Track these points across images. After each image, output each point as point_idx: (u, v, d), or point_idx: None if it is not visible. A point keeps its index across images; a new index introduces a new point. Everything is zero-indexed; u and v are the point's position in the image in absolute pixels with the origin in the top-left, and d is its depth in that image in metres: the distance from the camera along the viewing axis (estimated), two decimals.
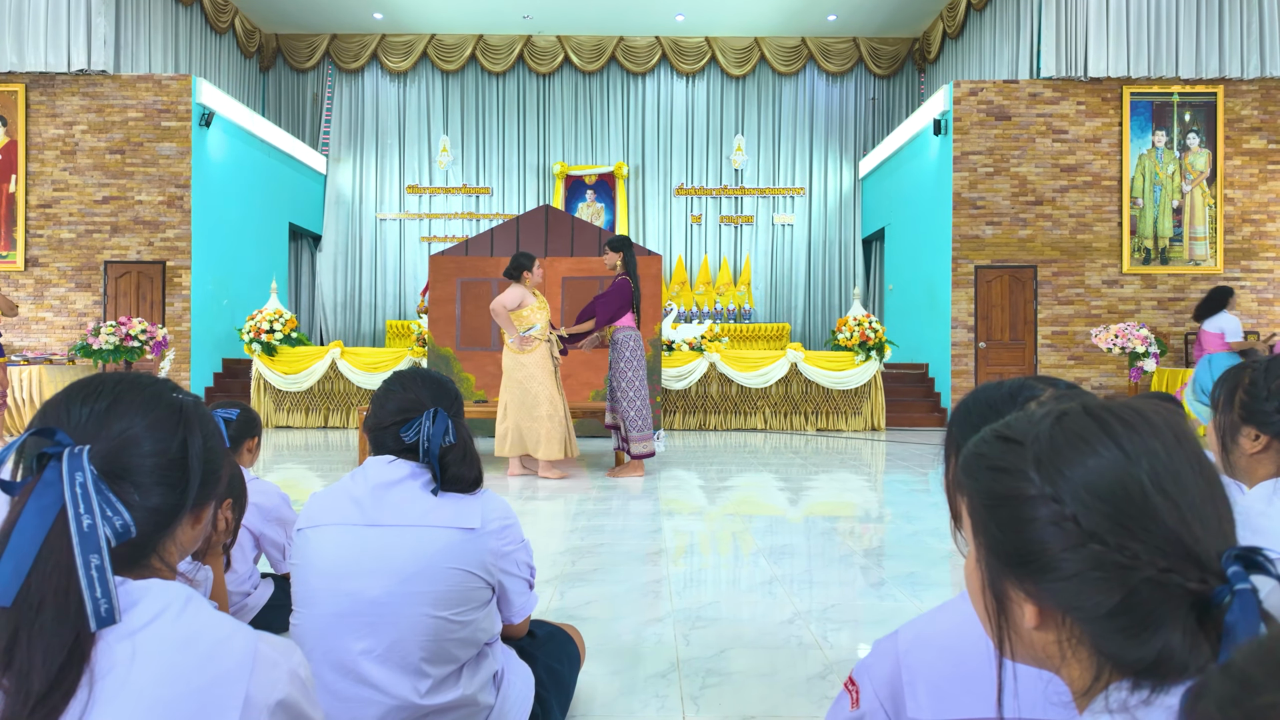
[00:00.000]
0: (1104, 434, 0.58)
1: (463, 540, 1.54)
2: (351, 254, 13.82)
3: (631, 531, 4.00)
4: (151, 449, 0.80)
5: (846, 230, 13.86)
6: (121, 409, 0.80)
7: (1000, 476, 0.60)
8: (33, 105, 10.04)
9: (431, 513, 1.54)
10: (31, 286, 9.99)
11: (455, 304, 8.67)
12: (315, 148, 13.61)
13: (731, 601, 2.81)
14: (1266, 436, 1.32)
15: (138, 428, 0.80)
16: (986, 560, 0.62)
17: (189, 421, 0.84)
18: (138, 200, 10.02)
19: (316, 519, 1.55)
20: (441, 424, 1.58)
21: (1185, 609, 0.54)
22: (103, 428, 0.79)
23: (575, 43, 13.66)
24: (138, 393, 0.82)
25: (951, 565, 3.36)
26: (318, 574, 1.50)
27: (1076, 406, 0.61)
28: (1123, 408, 0.60)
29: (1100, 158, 9.99)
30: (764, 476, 5.96)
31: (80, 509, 0.71)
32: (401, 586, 1.48)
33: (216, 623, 0.77)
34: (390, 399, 1.62)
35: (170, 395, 0.85)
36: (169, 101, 10.04)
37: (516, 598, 1.68)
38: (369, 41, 13.63)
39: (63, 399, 0.81)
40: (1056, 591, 0.57)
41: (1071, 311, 9.92)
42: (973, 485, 0.63)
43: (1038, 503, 0.58)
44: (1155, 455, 0.57)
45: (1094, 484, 0.56)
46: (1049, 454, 0.58)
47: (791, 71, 13.76)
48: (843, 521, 4.35)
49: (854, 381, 9.28)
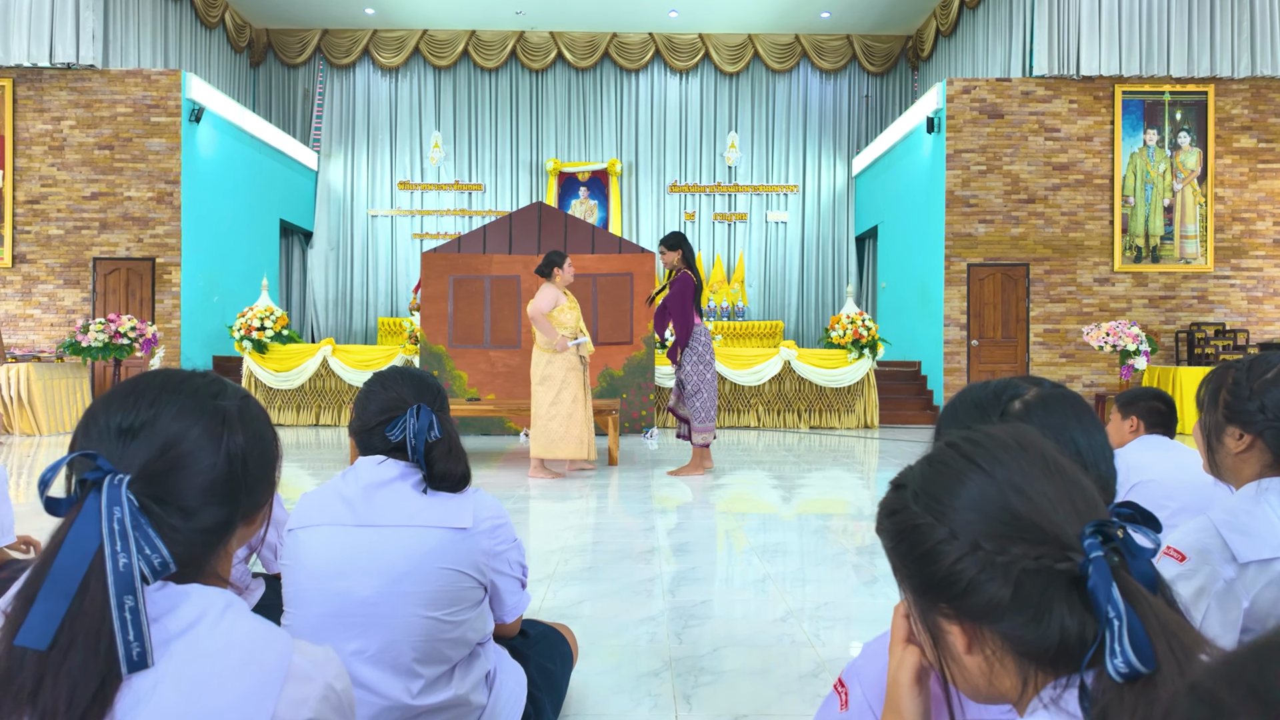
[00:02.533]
0: (963, 459, 0.68)
1: (454, 540, 1.53)
2: (343, 250, 13.76)
3: (624, 530, 4.00)
4: (197, 467, 0.76)
5: (840, 228, 13.87)
6: (163, 423, 0.77)
7: (896, 517, 0.70)
8: (20, 100, 9.94)
9: (422, 512, 1.53)
10: (19, 283, 9.90)
11: (448, 301, 8.64)
12: (306, 143, 13.54)
13: (724, 600, 2.81)
14: (1250, 436, 1.33)
15: (182, 444, 0.76)
16: (913, 599, 0.70)
17: (234, 428, 0.80)
18: (127, 196, 9.94)
19: (307, 519, 1.54)
20: (425, 419, 1.57)
21: (1066, 588, 0.61)
22: (144, 446, 0.75)
23: (568, 39, 13.62)
24: (181, 402, 0.79)
25: None
26: (309, 574, 1.49)
27: (942, 444, 0.71)
28: (977, 434, 0.70)
29: (1092, 156, 10.03)
30: (757, 474, 5.96)
31: (117, 546, 0.69)
32: (393, 587, 1.47)
33: (252, 632, 0.74)
34: (372, 399, 1.61)
35: (215, 401, 0.81)
36: (158, 97, 9.97)
37: (509, 597, 1.67)
38: (360, 37, 13.56)
39: (103, 410, 0.78)
40: (967, 606, 0.64)
41: (1063, 309, 9.96)
42: (882, 535, 0.72)
43: (926, 530, 0.66)
44: (1006, 465, 0.66)
45: (965, 503, 0.65)
46: (925, 488, 0.68)
47: (785, 69, 13.76)
48: (835, 519, 4.36)
49: (847, 379, 9.29)
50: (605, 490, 5.18)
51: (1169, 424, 2.61)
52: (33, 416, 8.27)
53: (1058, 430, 0.93)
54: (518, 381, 8.55)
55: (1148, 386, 2.79)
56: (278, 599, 2.43)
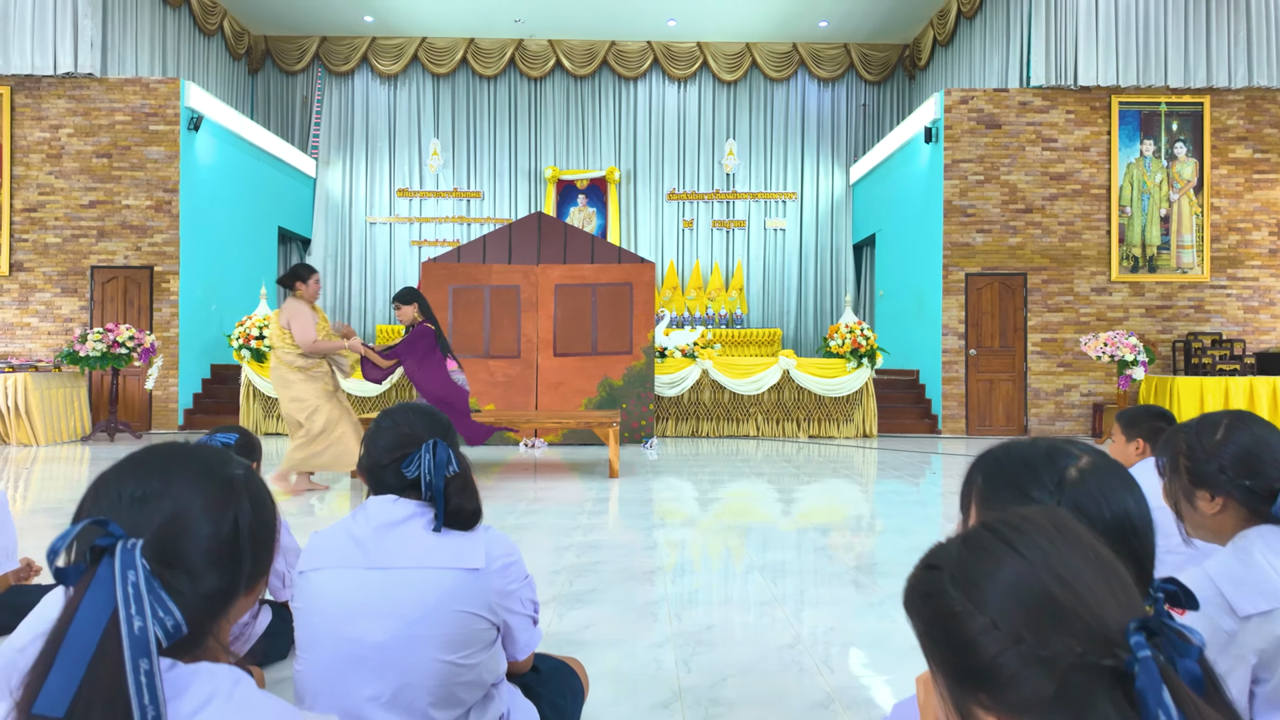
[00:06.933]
0: (1002, 544, 0.66)
1: (467, 581, 1.52)
2: (341, 257, 13.74)
3: (627, 547, 3.99)
4: (205, 532, 0.79)
5: (838, 235, 13.91)
6: (174, 490, 0.79)
7: (931, 601, 0.68)
8: (18, 108, 9.92)
9: (434, 553, 1.53)
10: (16, 291, 9.87)
11: (447, 311, 8.64)
12: (305, 151, 13.53)
13: (730, 624, 2.81)
14: (1221, 497, 1.35)
15: (191, 511, 0.79)
16: (946, 685, 0.67)
17: (241, 497, 0.83)
18: (125, 204, 9.92)
19: (318, 561, 1.53)
20: (444, 454, 1.56)
21: (1110, 685, 0.59)
22: (156, 513, 0.77)
23: (566, 47, 13.64)
24: (191, 471, 0.81)
25: None
26: (321, 618, 1.48)
27: (978, 526, 0.70)
28: (1013, 517, 0.69)
29: (1089, 166, 10.07)
30: (757, 485, 5.97)
31: (132, 610, 0.70)
32: (407, 630, 1.47)
33: (262, 710, 0.76)
34: (382, 435, 1.60)
35: (222, 470, 0.84)
36: (157, 105, 9.95)
37: (521, 634, 1.66)
38: (359, 44, 13.56)
39: (114, 479, 0.80)
40: (1007, 699, 0.62)
41: (1060, 319, 10.00)
42: (912, 615, 0.70)
43: (965, 617, 0.64)
44: (1047, 553, 0.64)
45: (1004, 590, 0.64)
46: (962, 572, 0.66)
47: (783, 77, 13.80)
48: (837, 535, 4.36)
49: (846, 389, 9.31)
50: (606, 504, 5.18)
51: None
52: (30, 427, 8.23)
53: (1112, 497, 0.94)
54: (517, 391, 8.55)
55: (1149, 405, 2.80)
56: (284, 626, 2.42)
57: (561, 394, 8.53)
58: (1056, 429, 9.88)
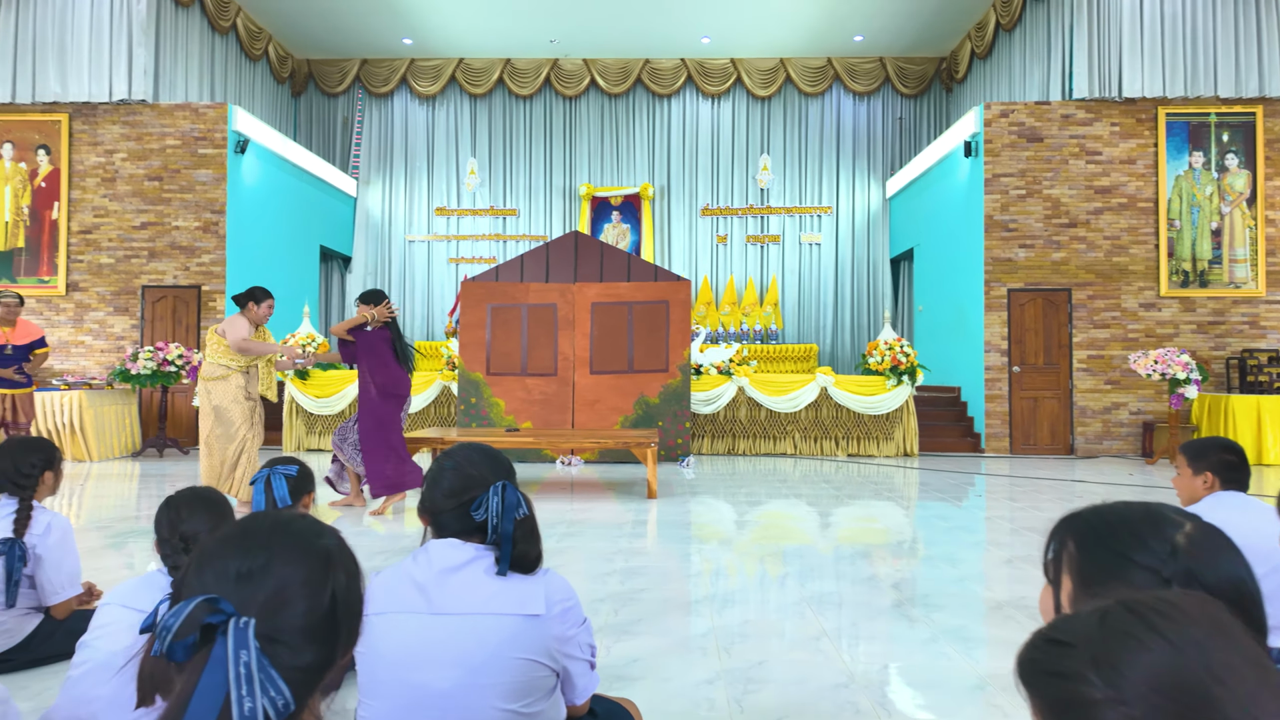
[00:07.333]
0: (1149, 629, 0.61)
1: (528, 628, 1.51)
2: (381, 275, 13.97)
3: (670, 574, 3.96)
4: (305, 608, 0.79)
5: (875, 250, 13.76)
6: (276, 566, 0.80)
7: (1062, 682, 0.62)
8: (75, 134, 10.28)
9: (495, 599, 1.52)
10: (72, 310, 10.20)
11: (485, 329, 8.72)
12: (345, 171, 13.81)
13: (780, 660, 2.76)
14: None
15: (293, 586, 0.79)
16: None
17: (337, 570, 0.83)
18: (174, 226, 10.21)
19: (381, 606, 1.53)
20: (513, 498, 1.56)
21: None
22: (260, 589, 0.78)
23: (601, 66, 13.76)
24: (290, 546, 0.82)
25: (1002, 619, 3.28)
26: (385, 665, 1.49)
27: (1115, 604, 0.65)
28: (1157, 600, 0.64)
29: (1135, 179, 9.84)
30: (797, 507, 5.89)
31: (243, 690, 0.70)
32: (470, 678, 1.46)
33: None
34: (445, 477, 1.59)
35: (318, 543, 0.84)
36: (205, 129, 10.25)
37: (580, 679, 1.65)
38: (398, 66, 13.83)
39: (218, 555, 0.81)
40: None
41: (1108, 335, 9.75)
42: (1035, 693, 0.65)
43: (1104, 706, 0.59)
44: (1201, 645, 0.59)
45: (1153, 681, 0.58)
46: (1103, 654, 0.61)
47: (817, 91, 13.75)
48: (882, 563, 4.27)
49: (885, 406, 9.17)
50: (645, 527, 5.16)
51: (1242, 477, 2.53)
52: (84, 443, 8.47)
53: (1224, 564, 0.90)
54: (554, 409, 8.58)
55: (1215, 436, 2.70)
56: None
57: (598, 411, 8.54)
58: (1104, 448, 9.61)
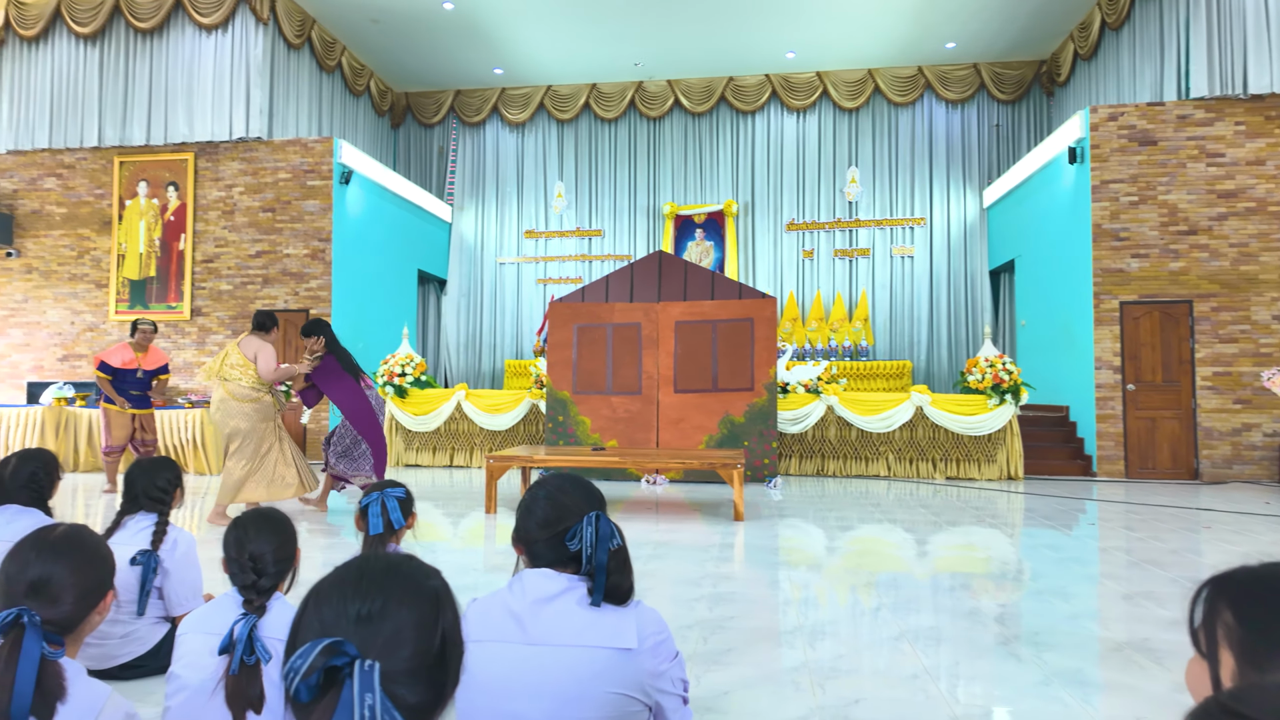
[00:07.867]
0: None
1: (620, 661, 1.51)
2: (473, 297, 14.46)
3: (759, 601, 3.88)
4: (416, 649, 0.81)
5: (973, 261, 13.22)
6: (393, 608, 0.82)
7: None
8: (200, 171, 11.16)
9: (587, 630, 1.53)
10: (195, 334, 11.01)
11: (572, 349, 8.87)
12: (441, 197, 14.40)
13: (879, 699, 2.65)
14: None
15: (406, 628, 0.82)
16: None
17: (445, 610, 0.86)
18: (285, 254, 10.89)
19: (477, 634, 1.57)
20: (606, 529, 1.56)
21: None
22: (378, 633, 0.80)
23: (685, 85, 13.86)
24: (404, 588, 0.84)
25: (1122, 662, 3.05)
26: (482, 693, 1.51)
27: None
28: None
29: (1265, 181, 9.09)
30: (892, 532, 5.68)
31: None
32: (562, 710, 1.47)
33: None
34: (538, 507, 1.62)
35: (427, 584, 0.87)
36: (314, 162, 10.91)
37: (672, 715, 1.63)
38: (490, 96, 14.35)
39: (336, 597, 0.83)
40: None
41: (1236, 350, 9.00)
42: None
43: None
44: None
45: None
46: None
47: (907, 101, 13.39)
48: (986, 595, 4.06)
49: (987, 427, 8.75)
50: (732, 550, 5.08)
51: None
52: (205, 458, 9.11)
53: None
54: (638, 427, 8.61)
55: None
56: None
57: (682, 430, 8.52)
58: (1234, 472, 8.85)
